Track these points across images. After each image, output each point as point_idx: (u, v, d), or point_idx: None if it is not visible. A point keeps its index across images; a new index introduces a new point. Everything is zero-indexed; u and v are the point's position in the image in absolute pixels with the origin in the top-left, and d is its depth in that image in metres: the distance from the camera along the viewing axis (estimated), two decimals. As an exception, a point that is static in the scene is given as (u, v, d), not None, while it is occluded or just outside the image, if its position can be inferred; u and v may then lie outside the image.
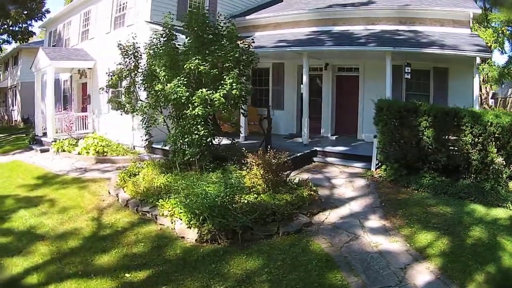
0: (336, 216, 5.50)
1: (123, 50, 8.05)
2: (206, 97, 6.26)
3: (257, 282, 3.91)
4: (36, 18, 26.77)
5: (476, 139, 6.15)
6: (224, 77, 6.64)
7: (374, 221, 5.34)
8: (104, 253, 4.73)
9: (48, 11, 26.75)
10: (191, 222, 4.84)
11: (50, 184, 7.86)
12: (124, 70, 7.98)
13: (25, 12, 25.12)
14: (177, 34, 7.74)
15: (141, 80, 7.81)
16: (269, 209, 5.09)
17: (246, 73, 7.66)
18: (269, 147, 7.22)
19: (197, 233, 4.74)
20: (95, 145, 9.79)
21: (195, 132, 6.49)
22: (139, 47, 7.97)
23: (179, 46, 7.42)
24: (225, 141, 8.06)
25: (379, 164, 7.16)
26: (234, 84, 6.48)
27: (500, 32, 13.21)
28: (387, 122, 6.71)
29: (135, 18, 10.36)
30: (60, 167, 9.27)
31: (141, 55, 8.01)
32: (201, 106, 6.30)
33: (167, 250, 4.71)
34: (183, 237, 4.94)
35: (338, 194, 6.39)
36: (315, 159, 8.86)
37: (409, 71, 9.26)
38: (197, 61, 6.36)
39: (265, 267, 4.18)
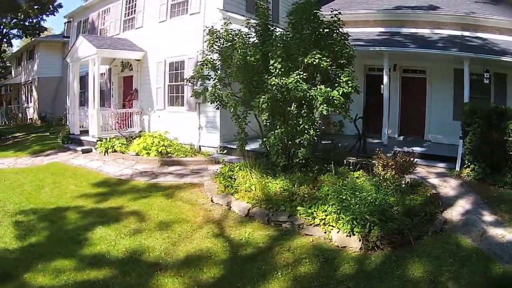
0: (456, 214, 5.38)
1: (215, 38, 6.74)
2: (326, 94, 5.67)
3: (443, 282, 3.72)
4: (48, 13, 25.45)
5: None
6: (339, 74, 6.06)
7: (488, 216, 5.34)
8: (268, 279, 3.73)
9: (60, 6, 25.46)
10: (354, 230, 4.38)
11: (121, 193, 6.46)
12: (217, 60, 6.80)
13: (36, 7, 23.79)
14: (274, 25, 6.78)
15: (235, 71, 6.54)
16: (423, 210, 4.91)
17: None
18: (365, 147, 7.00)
19: (360, 241, 4.33)
20: (156, 145, 8.41)
21: (306, 132, 5.82)
22: (236, 35, 6.67)
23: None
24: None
25: (467, 164, 7.17)
26: (349, 82, 5.91)
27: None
28: (479, 124, 6.88)
29: (202, 6, 9.16)
30: (118, 171, 7.87)
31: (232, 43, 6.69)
32: (325, 104, 5.61)
33: (338, 264, 4.08)
34: (344, 247, 4.40)
35: (443, 193, 6.30)
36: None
37: (488, 76, 9.42)
38: (318, 55, 5.68)
39: (440, 266, 4.00)
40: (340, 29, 6.38)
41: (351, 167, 6.25)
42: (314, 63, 5.69)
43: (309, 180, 5.70)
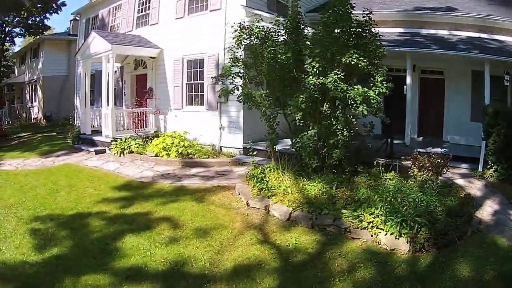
0: (487, 214, 5.30)
1: (246, 34, 6.40)
2: (365, 95, 5.54)
3: (489, 280, 3.69)
4: (51, 11, 25.06)
5: None
6: (373, 74, 5.94)
7: (516, 216, 5.21)
8: (327, 287, 3.57)
9: (64, 4, 25.06)
10: (402, 232, 4.32)
11: (146, 197, 6.06)
12: (246, 58, 6.48)
13: (40, 5, 23.43)
14: (305, 24, 6.59)
15: (266, 69, 6.22)
16: (462, 211, 4.89)
17: None
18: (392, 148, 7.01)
19: (408, 243, 4.28)
20: (176, 146, 7.98)
21: (339, 132, 5.70)
22: (269, 32, 6.34)
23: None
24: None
25: (491, 165, 7.16)
26: (384, 82, 5.76)
27: None
28: (502, 126, 6.84)
29: (223, 2, 8.79)
30: (138, 173, 7.46)
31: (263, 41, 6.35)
32: (365, 105, 5.47)
33: (392, 267, 3.96)
34: (393, 250, 4.30)
35: (472, 194, 6.20)
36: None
37: (508, 78, 9.10)
38: (355, 55, 5.55)
39: (484, 265, 3.94)
40: (372, 29, 6.17)
41: (382, 168, 6.10)
42: (352, 62, 5.52)
43: (346, 182, 5.52)
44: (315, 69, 5.54)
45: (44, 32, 23.45)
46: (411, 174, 5.91)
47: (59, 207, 5.80)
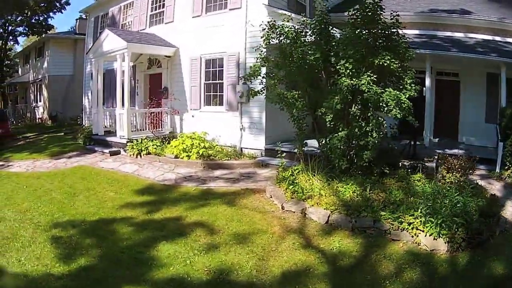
0: (510, 214, 5.25)
1: (277, 34, 6.19)
2: (397, 98, 5.49)
3: None
4: (55, 10, 24.77)
5: None
6: (403, 76, 5.89)
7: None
8: None
9: (68, 3, 24.77)
10: (441, 233, 4.37)
11: (172, 201, 5.79)
12: (275, 57, 6.26)
13: (43, 4, 23.16)
14: (332, 25, 6.36)
15: (295, 70, 6.06)
16: (491, 211, 4.88)
17: None
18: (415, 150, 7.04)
19: (446, 243, 4.33)
20: (197, 147, 7.70)
21: (369, 134, 5.65)
22: (300, 32, 6.16)
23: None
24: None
25: (509, 166, 7.13)
26: (413, 85, 5.75)
27: None
28: None
29: (243, 1, 8.56)
30: (159, 175, 7.18)
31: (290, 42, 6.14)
32: (397, 108, 5.41)
33: (435, 268, 3.95)
34: (433, 250, 4.31)
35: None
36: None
37: None
38: (388, 57, 5.52)
39: None
40: (400, 31, 6.10)
41: (409, 170, 6.10)
42: (385, 64, 5.47)
43: (376, 184, 5.49)
44: (348, 71, 5.47)
45: (48, 32, 23.13)
46: (439, 175, 5.87)
47: (79, 212, 5.49)
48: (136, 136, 9.14)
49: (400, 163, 6.55)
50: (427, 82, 9.62)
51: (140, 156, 8.42)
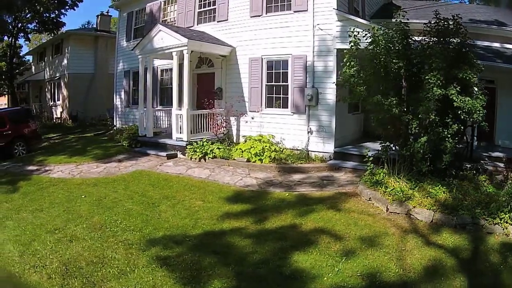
0: None
1: (357, 41, 6.42)
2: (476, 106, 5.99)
3: None
4: (68, 7, 24.13)
5: None
6: (474, 87, 6.32)
7: None
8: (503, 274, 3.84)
9: (81, 0, 24.18)
10: None
11: (274, 208, 5.59)
12: (366, 66, 6.42)
13: (54, 1, 22.50)
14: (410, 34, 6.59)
15: (383, 77, 6.33)
16: None
17: None
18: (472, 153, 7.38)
19: None
20: (268, 150, 7.52)
21: (447, 140, 6.09)
22: (393, 37, 6.33)
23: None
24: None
25: None
26: (482, 96, 6.20)
27: None
28: None
29: (309, 4, 8.42)
30: (238, 180, 6.98)
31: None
32: (475, 114, 5.97)
33: None
34: None
35: None
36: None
37: None
38: (469, 70, 6.05)
39: None
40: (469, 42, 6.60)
41: (474, 172, 6.42)
42: (467, 78, 5.94)
43: (457, 185, 5.79)
44: (439, 81, 5.89)
45: (60, 29, 22.53)
46: (502, 177, 6.28)
47: (173, 225, 4.96)
48: (194, 138, 8.86)
49: (463, 166, 6.77)
50: (475, 90, 9.94)
51: (205, 159, 8.15)
